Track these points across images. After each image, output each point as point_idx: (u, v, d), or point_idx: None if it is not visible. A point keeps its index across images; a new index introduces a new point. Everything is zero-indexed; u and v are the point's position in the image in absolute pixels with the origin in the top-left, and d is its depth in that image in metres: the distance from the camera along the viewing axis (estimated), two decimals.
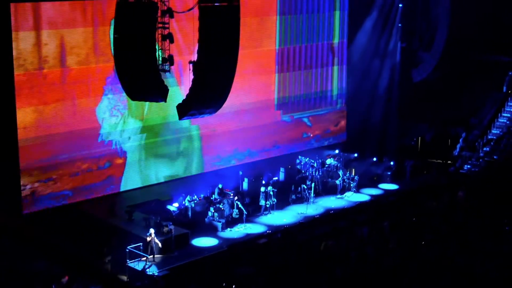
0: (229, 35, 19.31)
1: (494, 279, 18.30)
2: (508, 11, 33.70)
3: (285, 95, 29.99)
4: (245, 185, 26.63)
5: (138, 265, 20.63)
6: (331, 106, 32.00)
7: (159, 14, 19.38)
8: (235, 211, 24.13)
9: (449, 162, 30.98)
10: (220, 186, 25.33)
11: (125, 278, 20.27)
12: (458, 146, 32.02)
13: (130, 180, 25.40)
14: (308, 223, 24.38)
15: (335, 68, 31.70)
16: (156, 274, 20.28)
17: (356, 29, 32.15)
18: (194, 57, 19.25)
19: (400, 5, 32.36)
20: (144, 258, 20.76)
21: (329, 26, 31.12)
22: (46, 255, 17.41)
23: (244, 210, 24.09)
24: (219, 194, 24.94)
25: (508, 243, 20.64)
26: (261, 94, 29.18)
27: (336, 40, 31.46)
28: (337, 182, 27.15)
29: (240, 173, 26.94)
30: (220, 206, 23.93)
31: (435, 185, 28.10)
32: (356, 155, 31.14)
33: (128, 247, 20.75)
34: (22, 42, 22.06)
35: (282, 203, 25.63)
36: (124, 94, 20.56)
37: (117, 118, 24.70)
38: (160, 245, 21.15)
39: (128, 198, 25.17)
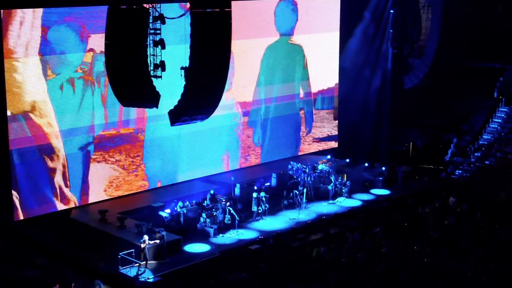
0: (221, 40, 19.31)
1: (486, 285, 18.32)
2: (499, 17, 33.85)
3: None
4: (237, 191, 26.59)
5: (130, 272, 20.57)
6: None
7: (150, 20, 19.40)
8: (227, 217, 24.09)
9: (440, 167, 31.03)
10: (212, 192, 25.29)
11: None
12: (449, 151, 32.09)
13: None
14: (300, 228, 24.37)
15: None
16: (148, 280, 20.23)
17: (347, 35, 32.22)
18: None
19: (392, 11, 32.43)
20: (137, 265, 20.70)
21: None
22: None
23: (236, 216, 24.05)
24: (211, 200, 24.90)
25: (499, 249, 20.66)
26: None
27: None
28: (329, 187, 27.14)
29: (232, 179, 26.91)
30: (214, 211, 23.88)
31: (427, 190, 28.14)
32: (348, 160, 31.17)
33: (120, 253, 20.69)
34: None
35: (274, 209, 25.62)
36: None
37: None
38: (158, 242, 21.12)
39: (120, 205, 25.11)
